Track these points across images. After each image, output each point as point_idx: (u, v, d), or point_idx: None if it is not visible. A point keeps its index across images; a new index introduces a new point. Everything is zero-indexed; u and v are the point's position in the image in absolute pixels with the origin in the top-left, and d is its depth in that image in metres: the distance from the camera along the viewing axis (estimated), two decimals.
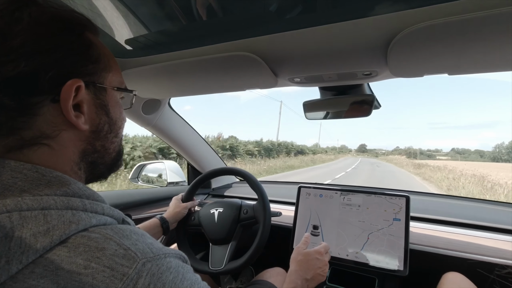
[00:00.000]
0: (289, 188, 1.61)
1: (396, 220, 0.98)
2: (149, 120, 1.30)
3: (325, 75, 0.84)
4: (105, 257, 0.32)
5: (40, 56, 0.36)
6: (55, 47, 0.37)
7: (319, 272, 0.79)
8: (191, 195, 1.18)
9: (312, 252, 0.83)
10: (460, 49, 0.60)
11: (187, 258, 0.42)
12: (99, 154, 0.45)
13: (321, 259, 0.82)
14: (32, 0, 0.37)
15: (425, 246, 0.97)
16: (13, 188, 0.34)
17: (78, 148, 0.42)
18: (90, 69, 0.42)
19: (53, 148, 0.39)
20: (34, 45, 0.35)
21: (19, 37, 0.34)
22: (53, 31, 0.37)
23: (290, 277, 0.76)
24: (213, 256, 1.06)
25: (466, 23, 0.51)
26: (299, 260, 0.80)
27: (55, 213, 0.33)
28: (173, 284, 0.34)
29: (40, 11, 0.37)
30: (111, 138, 0.47)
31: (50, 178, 0.36)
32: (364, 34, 0.62)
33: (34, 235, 0.31)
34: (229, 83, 0.96)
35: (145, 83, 1.02)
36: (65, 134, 0.39)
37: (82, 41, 0.41)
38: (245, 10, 0.60)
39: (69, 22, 0.40)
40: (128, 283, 0.31)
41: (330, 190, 1.10)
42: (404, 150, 65.26)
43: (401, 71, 0.75)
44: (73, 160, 0.41)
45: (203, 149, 1.61)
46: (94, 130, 0.43)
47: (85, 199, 0.38)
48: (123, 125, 0.50)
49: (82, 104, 0.41)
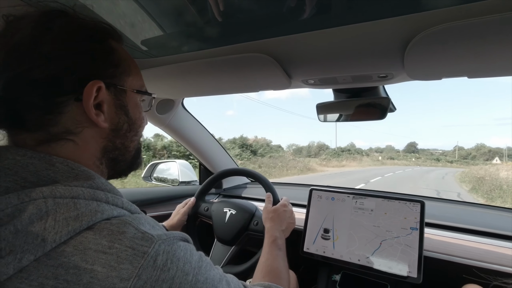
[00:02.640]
0: (301, 190, 1.60)
1: (414, 230, 0.94)
2: (163, 119, 1.32)
3: (340, 77, 0.83)
4: (126, 239, 0.36)
5: (66, 60, 0.40)
6: (79, 53, 0.41)
7: (289, 220, 0.93)
8: (203, 194, 1.19)
9: (278, 207, 0.95)
10: (480, 51, 0.58)
11: (190, 239, 0.46)
12: (119, 151, 0.49)
13: (287, 210, 0.96)
14: (63, 12, 0.43)
15: (441, 254, 0.94)
16: (46, 178, 0.38)
17: (99, 144, 0.46)
18: (111, 73, 0.46)
19: (77, 143, 0.43)
20: (61, 51, 0.40)
21: (48, 44, 0.39)
22: (78, 39, 0.42)
23: (268, 233, 0.85)
24: (214, 252, 1.08)
25: (486, 24, 0.50)
26: (271, 217, 0.91)
27: (83, 202, 0.37)
28: (185, 259, 0.40)
29: (68, 21, 0.42)
30: (131, 136, 0.51)
31: (78, 172, 0.41)
32: (380, 36, 0.61)
33: (66, 219, 0.35)
34: (242, 84, 0.96)
35: (160, 83, 1.04)
36: (87, 131, 0.44)
37: (104, 48, 0.45)
38: (259, 11, 0.60)
39: (94, 31, 0.44)
40: (149, 259, 0.36)
41: (342, 193, 1.09)
42: (475, 149, 51.11)
43: (418, 74, 0.73)
44: (95, 156, 0.46)
45: (215, 149, 1.62)
46: (113, 129, 0.47)
47: (107, 192, 0.42)
48: (143, 125, 0.54)
49: (102, 104, 0.45)
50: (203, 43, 0.75)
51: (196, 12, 0.62)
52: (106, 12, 0.65)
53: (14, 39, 0.39)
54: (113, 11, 0.65)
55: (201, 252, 0.46)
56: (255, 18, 0.62)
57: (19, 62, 0.39)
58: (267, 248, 0.79)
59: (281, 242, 0.82)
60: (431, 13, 0.52)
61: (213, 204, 1.16)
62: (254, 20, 0.63)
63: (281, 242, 0.82)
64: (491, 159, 39.16)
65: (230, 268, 1.02)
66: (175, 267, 0.38)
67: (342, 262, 1.00)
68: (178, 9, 0.63)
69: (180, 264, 0.39)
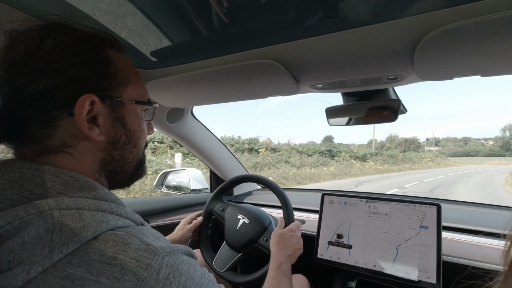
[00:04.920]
0: (313, 195, 1.59)
1: (424, 228, 0.92)
2: (173, 128, 1.34)
3: (348, 81, 0.83)
4: (130, 250, 0.37)
5: (58, 74, 0.40)
6: (71, 66, 0.41)
7: (296, 246, 0.89)
8: (222, 193, 1.20)
9: (286, 231, 0.92)
10: (493, 49, 0.57)
11: (194, 254, 0.46)
12: (118, 163, 0.49)
13: (294, 235, 0.91)
14: (59, 25, 0.43)
15: (460, 258, 0.91)
16: (52, 190, 0.38)
17: (97, 157, 0.46)
18: (106, 85, 0.45)
19: (75, 156, 0.43)
20: (54, 65, 0.40)
21: (42, 59, 0.39)
22: (71, 52, 0.41)
23: (274, 258, 0.83)
24: (221, 254, 1.08)
25: (498, 22, 0.48)
26: (277, 241, 0.89)
27: (88, 213, 0.38)
28: (188, 274, 0.40)
29: (64, 34, 0.42)
30: (129, 148, 0.49)
31: (82, 183, 0.41)
32: (388, 37, 0.60)
33: (71, 230, 0.35)
34: (251, 90, 0.97)
35: (170, 93, 1.05)
36: (84, 144, 0.44)
37: (100, 59, 0.44)
38: (265, 18, 0.60)
39: (89, 42, 0.44)
40: (152, 272, 0.37)
41: (355, 197, 1.07)
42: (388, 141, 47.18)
43: (429, 75, 0.72)
44: (94, 168, 0.46)
45: (225, 156, 1.63)
46: (110, 141, 0.46)
47: (111, 202, 0.42)
48: (143, 136, 0.52)
49: (98, 117, 0.44)
50: (211, 51, 0.75)
51: (203, 21, 0.63)
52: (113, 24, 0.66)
53: (10, 55, 0.40)
54: (122, 24, 0.66)
55: (205, 268, 0.46)
56: (262, 25, 0.63)
57: (14, 77, 0.40)
58: (271, 273, 0.78)
59: (287, 267, 0.81)
60: (441, 13, 0.51)
61: (229, 206, 1.16)
62: (261, 27, 0.64)
63: (287, 268, 0.80)
64: (407, 150, 37.10)
65: (232, 275, 1.02)
66: (177, 281, 0.38)
67: (357, 268, 0.97)
68: (185, 19, 0.64)
69: (182, 279, 0.39)
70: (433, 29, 0.54)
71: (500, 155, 62.69)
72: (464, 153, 64.87)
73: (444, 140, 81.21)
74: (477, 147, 70.35)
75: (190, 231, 1.09)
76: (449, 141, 78.74)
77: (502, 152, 67.01)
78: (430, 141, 69.49)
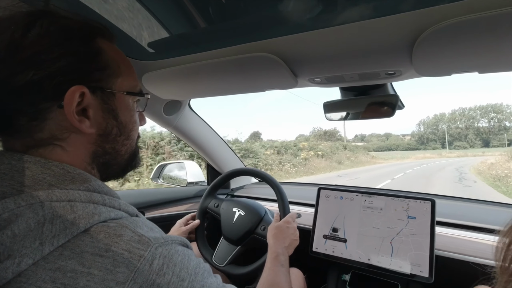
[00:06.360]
0: (310, 189, 1.59)
1: (411, 218, 0.95)
2: (170, 120, 1.33)
3: (347, 75, 0.83)
4: (123, 242, 0.36)
5: (46, 65, 0.38)
6: (59, 56, 0.39)
7: (292, 237, 0.90)
8: (215, 189, 1.20)
9: (282, 223, 0.92)
10: (491, 46, 0.57)
11: (189, 244, 0.46)
12: (110, 155, 0.48)
13: (290, 227, 0.92)
14: (45, 13, 0.40)
15: (453, 253, 0.93)
16: (42, 182, 0.38)
17: (88, 150, 0.45)
18: (97, 75, 0.43)
19: (66, 149, 0.42)
20: (41, 55, 0.38)
21: (28, 49, 0.37)
22: (59, 41, 0.39)
23: (271, 249, 0.84)
24: (219, 250, 1.09)
25: (496, 18, 0.48)
26: (274, 233, 0.89)
27: (80, 205, 0.37)
28: (182, 264, 0.39)
29: (51, 22, 0.39)
30: (122, 140, 0.48)
31: (74, 175, 0.40)
32: (387, 32, 0.60)
33: (63, 222, 0.35)
34: (248, 84, 0.96)
35: (167, 85, 1.05)
36: (74, 137, 0.42)
37: (89, 49, 0.42)
38: (264, 11, 0.60)
39: (78, 31, 0.42)
40: (144, 263, 0.36)
41: (350, 192, 1.08)
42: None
43: (427, 70, 0.72)
44: (85, 161, 0.45)
45: (222, 149, 1.62)
46: (101, 134, 0.45)
47: (104, 194, 0.41)
48: (136, 127, 0.51)
49: (88, 109, 0.42)
50: (209, 44, 0.75)
51: (201, 13, 0.62)
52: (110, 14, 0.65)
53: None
54: (118, 13, 0.65)
55: (200, 258, 0.45)
56: (260, 18, 0.62)
57: (1, 68, 0.38)
58: (269, 264, 0.78)
59: (284, 258, 0.81)
60: (440, 8, 0.51)
61: (223, 201, 1.16)
62: (259, 20, 0.63)
63: (284, 258, 0.81)
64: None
65: (233, 268, 1.02)
66: (171, 272, 0.38)
67: (351, 261, 0.99)
68: (183, 11, 0.63)
69: (176, 269, 0.38)
70: (432, 24, 0.54)
71: (416, 149, 70.82)
72: (386, 148, 74.58)
73: (370, 136, 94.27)
74: (397, 141, 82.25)
75: (186, 233, 1.08)
76: (374, 137, 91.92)
77: (417, 145, 76.84)
78: (358, 137, 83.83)
